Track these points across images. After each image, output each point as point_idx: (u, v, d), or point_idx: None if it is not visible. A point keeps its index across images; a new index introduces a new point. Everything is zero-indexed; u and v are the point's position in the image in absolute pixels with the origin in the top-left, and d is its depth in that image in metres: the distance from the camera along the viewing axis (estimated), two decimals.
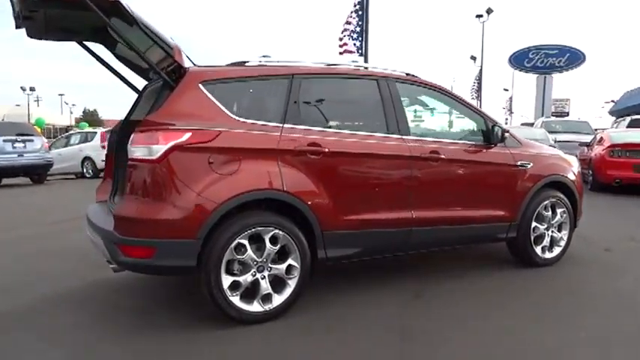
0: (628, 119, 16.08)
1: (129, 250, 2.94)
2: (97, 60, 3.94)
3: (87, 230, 3.58)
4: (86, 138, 15.23)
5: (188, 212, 2.92)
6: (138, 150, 2.96)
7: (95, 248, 3.45)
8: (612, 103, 51.35)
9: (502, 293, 3.78)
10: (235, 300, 3.07)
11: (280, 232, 3.14)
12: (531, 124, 20.75)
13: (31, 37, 3.65)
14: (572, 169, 4.61)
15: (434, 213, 3.79)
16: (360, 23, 15.42)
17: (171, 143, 2.92)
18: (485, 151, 4.07)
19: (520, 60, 32.39)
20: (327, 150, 3.32)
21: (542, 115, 25.94)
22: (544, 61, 32.16)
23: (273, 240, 3.14)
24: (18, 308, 3.47)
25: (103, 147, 14.36)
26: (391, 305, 3.49)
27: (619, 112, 40.20)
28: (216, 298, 3.01)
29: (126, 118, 4.10)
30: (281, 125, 3.27)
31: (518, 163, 4.20)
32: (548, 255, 4.45)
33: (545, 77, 32.29)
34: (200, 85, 3.14)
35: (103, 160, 14.43)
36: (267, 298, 3.17)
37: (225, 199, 2.98)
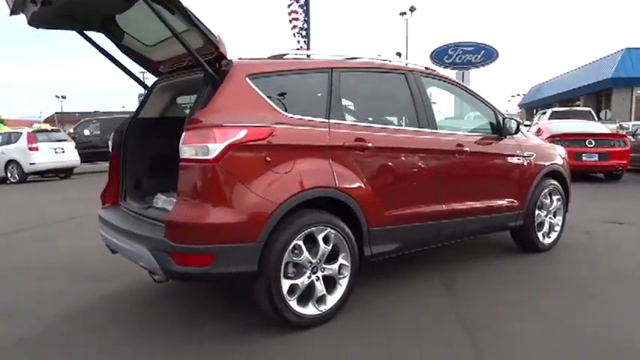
0: (549, 111, 17.45)
1: (184, 259, 2.70)
2: (100, 52, 3.57)
3: (110, 238, 3.27)
4: (9, 139, 13.83)
5: (248, 214, 2.74)
6: (191, 149, 2.72)
7: (126, 257, 3.16)
8: (518, 97, 55.37)
9: (523, 277, 3.95)
10: (293, 304, 2.94)
11: (332, 231, 3.05)
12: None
13: (33, 25, 3.23)
14: (563, 158, 4.90)
15: (460, 205, 3.86)
16: (306, 19, 15.34)
17: (228, 141, 2.72)
18: (498, 142, 4.21)
19: (440, 56, 33.84)
20: (371, 145, 3.27)
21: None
22: (462, 57, 33.80)
23: (326, 239, 3.05)
24: (34, 332, 3.07)
25: (31, 149, 13.17)
26: (430, 297, 3.52)
27: (527, 104, 43.65)
28: (277, 303, 2.86)
29: (134, 115, 3.76)
30: (327, 121, 3.16)
31: (525, 153, 4.40)
32: (547, 241, 4.71)
33: (463, 73, 34.03)
34: (247, 79, 2.96)
35: (32, 164, 13.35)
36: (321, 300, 3.07)
37: (286, 198, 2.84)
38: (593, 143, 10.20)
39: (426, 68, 4.01)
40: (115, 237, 3.21)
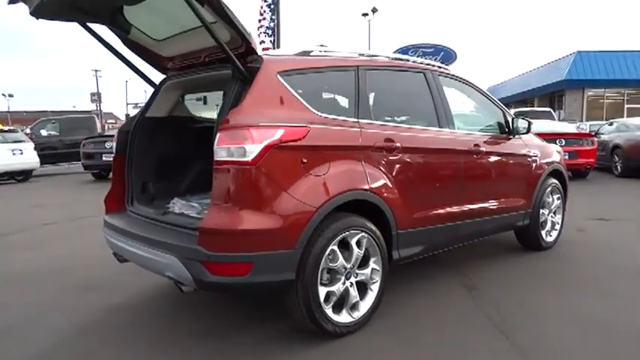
0: (512, 112, 17.93)
1: (220, 268, 2.52)
2: (105, 46, 3.31)
3: (123, 245, 3.04)
4: None
5: (288, 219, 2.59)
6: (227, 151, 2.54)
7: (145, 266, 2.94)
8: None
9: (536, 277, 3.97)
10: (330, 312, 2.81)
11: (365, 235, 2.95)
12: None
13: (34, 15, 2.94)
14: (561, 157, 4.98)
15: (476, 205, 3.84)
16: (273, 18, 15.10)
17: (266, 142, 2.56)
18: (509, 142, 4.22)
19: None
20: (399, 146, 3.18)
21: None
22: (422, 58, 34.43)
23: (359, 244, 2.94)
24: (43, 350, 2.80)
25: None
26: (455, 299, 3.48)
27: None
28: (314, 312, 2.72)
29: (141, 115, 3.51)
30: (357, 120, 3.05)
31: (531, 153, 4.43)
32: (549, 239, 4.77)
33: None
34: (278, 76, 2.80)
35: None
36: (355, 307, 2.96)
37: (324, 202, 2.71)
38: (564, 142, 10.52)
39: (439, 67, 3.96)
40: (129, 245, 2.98)
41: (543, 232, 4.68)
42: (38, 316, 3.32)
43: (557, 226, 4.88)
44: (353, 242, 2.89)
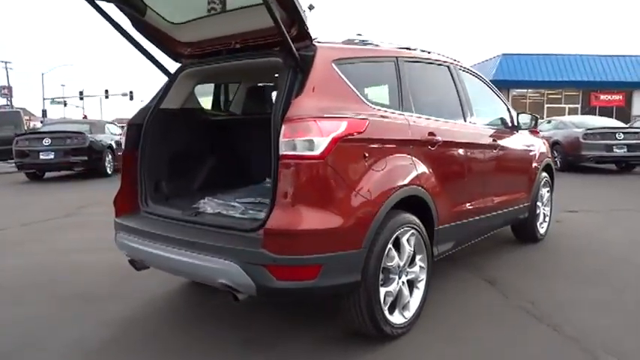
0: None
1: (287, 273, 2.31)
2: (115, 28, 2.95)
3: (151, 250, 2.72)
4: None
5: (355, 218, 2.44)
6: (293, 145, 2.33)
7: (182, 273, 2.67)
8: None
9: (547, 268, 4.08)
10: (387, 314, 2.68)
11: (414, 232, 2.84)
12: None
13: None
14: (549, 151, 5.17)
15: (492, 199, 3.86)
16: None
17: (333, 135, 2.38)
18: (514, 136, 4.29)
19: None
20: (440, 140, 3.11)
21: None
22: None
23: (409, 241, 2.83)
24: None
25: None
26: (481, 293, 3.48)
27: None
28: (376, 315, 2.58)
29: (155, 106, 3.17)
30: (402, 113, 2.94)
31: (531, 147, 4.55)
32: (542, 231, 4.93)
33: None
34: (333, 65, 2.63)
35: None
36: (405, 307, 2.84)
37: (385, 198, 2.57)
38: None
39: (457, 60, 3.94)
40: (160, 249, 2.66)
41: (538, 225, 4.83)
42: (37, 334, 2.90)
43: (547, 218, 5.06)
44: (404, 240, 2.78)
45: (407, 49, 3.34)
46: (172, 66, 3.30)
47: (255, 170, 3.70)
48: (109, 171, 11.90)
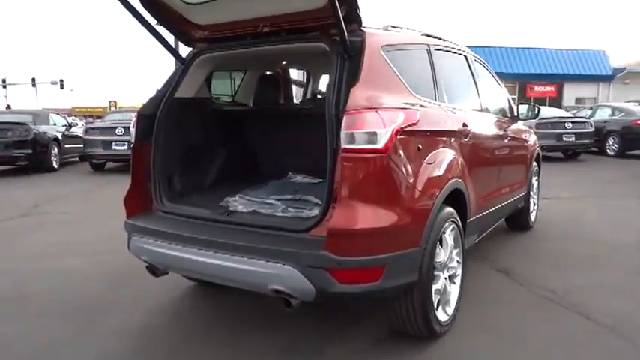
0: None
1: (351, 275, 2.15)
2: (125, 6, 2.63)
3: (180, 254, 2.46)
4: None
5: (415, 214, 2.32)
6: (355, 137, 2.15)
7: (220, 279, 2.45)
8: None
9: (549, 256, 4.14)
10: (437, 312, 2.59)
11: (454, 227, 2.77)
12: None
13: None
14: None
15: (504, 189, 3.87)
16: None
17: (393, 126, 2.23)
18: (516, 126, 4.32)
19: None
20: (471, 130, 3.04)
21: None
22: None
23: (450, 236, 2.75)
24: None
25: None
26: (504, 286, 3.48)
27: None
28: (429, 314, 2.49)
29: (169, 94, 2.87)
30: (438, 103, 2.83)
31: (527, 137, 4.61)
32: (532, 219, 5.04)
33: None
34: (382, 52, 2.47)
35: None
36: (447, 303, 2.76)
37: (438, 193, 2.47)
38: None
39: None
40: (195, 253, 2.41)
41: (530, 213, 4.93)
42: (52, 356, 2.57)
43: (535, 207, 5.18)
44: (447, 235, 2.70)
45: (432, 36, 3.24)
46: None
47: (273, 164, 3.48)
48: (55, 165, 11.05)
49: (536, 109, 4.43)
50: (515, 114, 4.35)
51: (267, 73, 3.74)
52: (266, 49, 2.77)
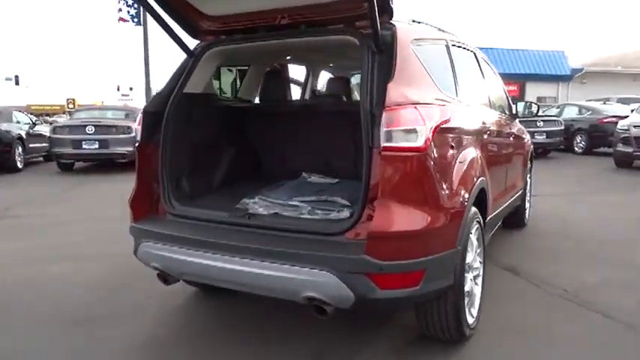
0: None
1: (391, 280, 2.05)
2: None
3: (200, 261, 2.29)
4: None
5: (452, 215, 2.24)
6: (394, 135, 2.05)
7: (247, 287, 2.30)
8: None
9: (546, 254, 4.16)
10: (467, 314, 2.52)
11: (479, 227, 2.70)
12: None
13: None
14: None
15: (509, 187, 3.85)
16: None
17: (432, 124, 2.14)
18: (515, 125, 4.31)
19: None
20: (489, 128, 2.99)
21: None
22: None
23: (474, 236, 2.68)
24: None
25: None
26: (517, 284, 3.47)
27: None
28: (461, 317, 2.41)
29: (177, 90, 2.68)
30: (458, 99, 2.76)
31: (524, 135, 4.62)
32: (527, 216, 5.07)
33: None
34: (411, 46, 2.37)
35: None
36: (472, 305, 2.69)
37: (471, 193, 2.40)
38: None
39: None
40: (217, 260, 2.24)
41: (525, 210, 4.95)
42: None
43: (529, 204, 5.21)
44: (472, 235, 2.63)
45: (445, 32, 3.17)
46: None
47: (283, 163, 3.32)
48: (19, 165, 10.48)
49: (534, 106, 4.43)
50: (514, 112, 4.35)
51: (275, 68, 3.59)
52: (282, 42, 2.63)
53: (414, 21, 2.84)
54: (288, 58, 3.77)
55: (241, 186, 2.94)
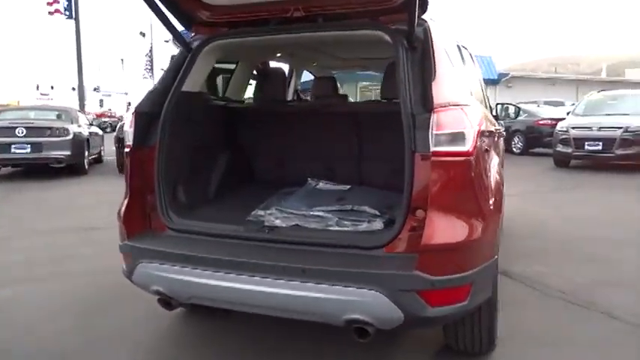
0: None
1: (442, 297, 1.89)
2: None
3: (216, 283, 2.01)
4: None
5: (493, 223, 2.12)
6: (443, 139, 1.89)
7: (280, 310, 2.03)
8: None
9: (523, 254, 4.22)
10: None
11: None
12: None
13: None
14: None
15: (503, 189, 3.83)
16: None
17: (476, 127, 2.00)
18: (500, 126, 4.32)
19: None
20: (499, 130, 2.93)
21: None
22: None
23: None
24: None
25: None
26: (514, 288, 3.44)
27: None
28: (494, 329, 2.31)
29: (175, 89, 2.37)
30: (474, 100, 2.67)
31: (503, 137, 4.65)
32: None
33: None
34: (442, 44, 2.24)
35: None
36: None
37: (502, 197, 2.29)
38: None
39: None
40: (238, 281, 1.97)
41: None
42: None
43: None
44: None
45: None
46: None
47: (284, 169, 3.06)
48: None
49: (514, 108, 4.45)
50: (495, 113, 4.35)
51: (266, 66, 3.32)
52: (295, 36, 2.39)
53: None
54: (279, 55, 3.52)
55: (242, 194, 2.68)
